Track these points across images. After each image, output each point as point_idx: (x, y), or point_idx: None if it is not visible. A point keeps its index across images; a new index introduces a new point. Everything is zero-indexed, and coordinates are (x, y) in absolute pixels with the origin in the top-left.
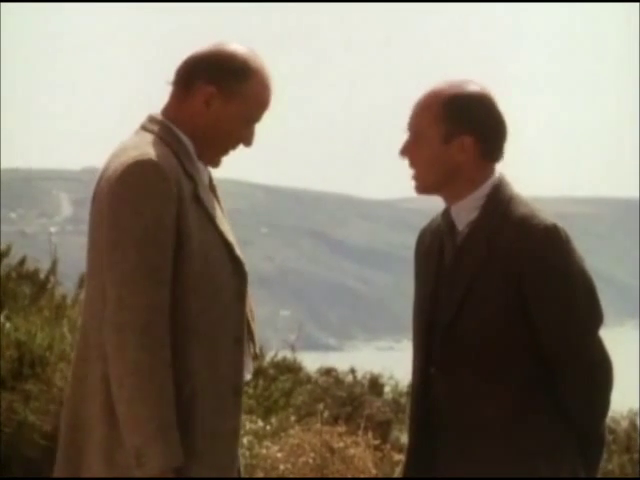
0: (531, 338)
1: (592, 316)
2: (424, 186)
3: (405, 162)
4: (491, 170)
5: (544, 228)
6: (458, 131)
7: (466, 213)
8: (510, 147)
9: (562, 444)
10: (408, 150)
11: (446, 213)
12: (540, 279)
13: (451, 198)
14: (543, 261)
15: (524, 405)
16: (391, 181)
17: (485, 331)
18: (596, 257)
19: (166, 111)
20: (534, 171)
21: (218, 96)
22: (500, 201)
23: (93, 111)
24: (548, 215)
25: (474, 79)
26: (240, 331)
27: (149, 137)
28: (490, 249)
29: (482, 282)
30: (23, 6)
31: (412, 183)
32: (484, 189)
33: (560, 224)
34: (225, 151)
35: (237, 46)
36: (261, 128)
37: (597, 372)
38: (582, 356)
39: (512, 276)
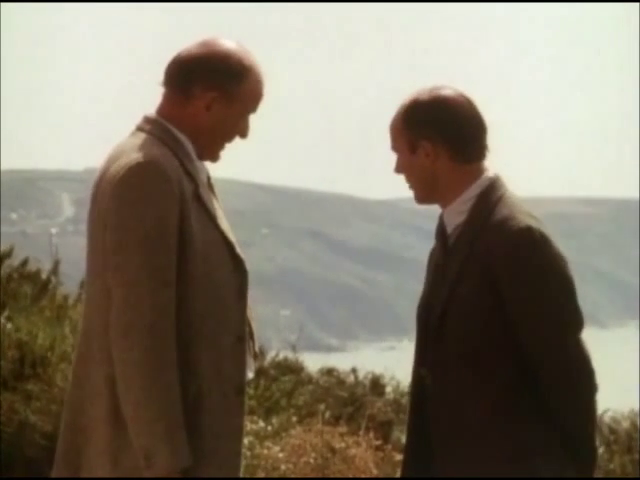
0: (513, 339)
1: (570, 316)
2: (419, 198)
3: None
4: (473, 172)
5: (518, 230)
6: (417, 138)
7: (455, 216)
8: (511, 147)
9: (548, 443)
10: (396, 167)
11: (440, 217)
12: (515, 280)
13: (441, 203)
14: (517, 262)
15: (510, 405)
16: (392, 181)
17: (468, 332)
18: (598, 257)
19: (163, 112)
20: (535, 171)
21: (219, 100)
22: (487, 203)
23: (95, 111)
24: (528, 217)
25: (448, 84)
26: (242, 330)
27: (147, 138)
28: (470, 252)
29: (464, 284)
30: (23, 6)
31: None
32: (472, 191)
33: (536, 225)
34: (223, 146)
35: (228, 45)
36: (262, 129)
37: (577, 373)
38: (560, 357)
39: (490, 278)
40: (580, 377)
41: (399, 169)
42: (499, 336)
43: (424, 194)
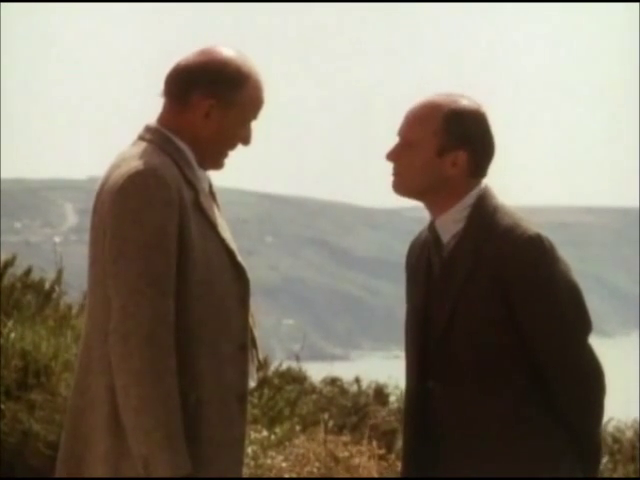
0: (522, 347)
1: (579, 323)
2: (406, 189)
3: None
4: (475, 185)
5: (528, 238)
6: (453, 146)
7: (451, 225)
8: (512, 156)
9: (560, 450)
10: (398, 155)
11: (431, 226)
12: (525, 288)
13: (434, 208)
14: (527, 270)
15: (522, 413)
16: None
17: (477, 342)
18: (601, 267)
19: (163, 121)
20: (536, 180)
21: (217, 107)
22: (485, 212)
23: (99, 120)
24: (532, 225)
25: (468, 94)
26: (244, 338)
27: (148, 147)
28: (476, 260)
29: (470, 293)
30: (23, 6)
31: (392, 180)
32: (467, 200)
33: (543, 233)
34: (226, 154)
35: (227, 52)
36: (266, 137)
37: (587, 379)
38: (571, 363)
39: (498, 286)
40: (591, 381)
41: (394, 156)
42: (510, 344)
43: (416, 188)
